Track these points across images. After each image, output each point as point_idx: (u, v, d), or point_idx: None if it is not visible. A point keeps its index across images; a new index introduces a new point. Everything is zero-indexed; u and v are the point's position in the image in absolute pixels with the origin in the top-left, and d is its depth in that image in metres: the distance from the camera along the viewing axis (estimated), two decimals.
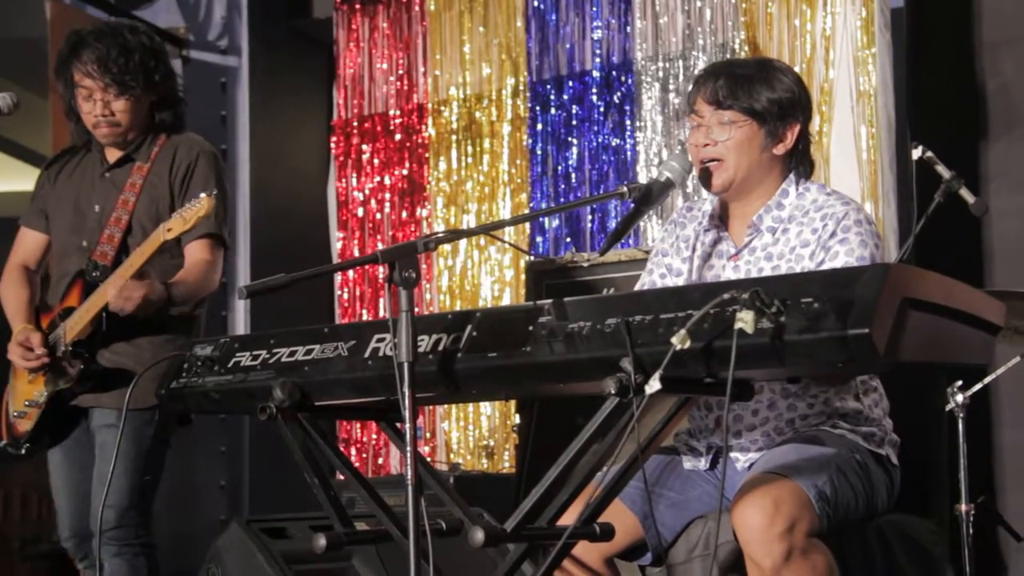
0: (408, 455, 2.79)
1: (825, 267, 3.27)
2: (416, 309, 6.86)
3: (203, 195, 4.06)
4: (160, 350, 4.21)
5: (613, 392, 2.68)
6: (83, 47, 4.28)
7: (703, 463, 3.43)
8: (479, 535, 2.80)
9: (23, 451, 4.31)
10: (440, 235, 2.96)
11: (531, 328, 2.82)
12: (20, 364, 4.22)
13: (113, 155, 4.39)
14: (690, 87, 3.51)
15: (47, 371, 4.21)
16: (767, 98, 3.36)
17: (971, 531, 4.26)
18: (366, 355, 3.02)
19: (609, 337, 2.73)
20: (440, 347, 2.92)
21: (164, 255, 4.26)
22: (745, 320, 2.56)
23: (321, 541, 2.99)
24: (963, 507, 4.27)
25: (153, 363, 3.73)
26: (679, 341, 2.60)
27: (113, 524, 4.12)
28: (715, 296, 2.62)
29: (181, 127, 4.45)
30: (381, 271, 6.30)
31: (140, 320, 4.19)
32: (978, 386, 4.36)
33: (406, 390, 2.78)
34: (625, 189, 3.25)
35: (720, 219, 3.50)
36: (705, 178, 3.41)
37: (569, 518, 2.92)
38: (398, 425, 3.10)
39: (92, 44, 4.27)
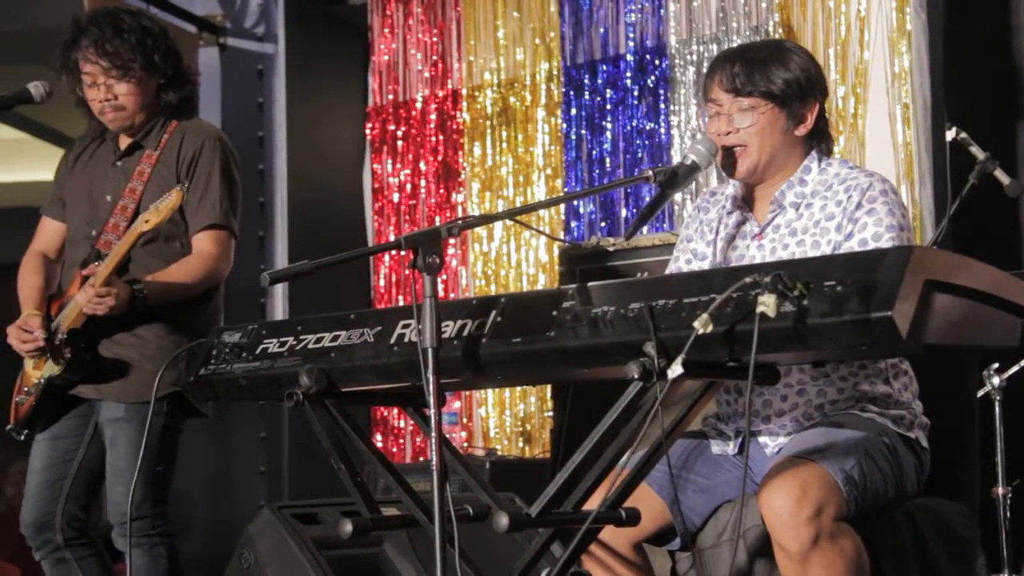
0: (433, 441, 2.79)
1: (854, 238, 3.26)
2: (452, 294, 6.87)
3: (175, 188, 4.04)
4: (164, 340, 4.21)
5: (636, 377, 2.68)
6: (81, 33, 4.26)
7: (731, 447, 3.42)
8: (503, 520, 2.81)
9: (22, 436, 4.33)
10: (464, 221, 2.96)
11: (555, 313, 2.82)
12: (16, 347, 4.23)
13: (124, 142, 4.37)
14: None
15: (48, 357, 4.21)
16: (783, 79, 3.34)
17: (1008, 514, 4.24)
18: (392, 341, 3.03)
19: (632, 322, 2.73)
20: (465, 332, 2.92)
21: (173, 242, 4.27)
22: (767, 304, 2.55)
23: (347, 527, 3.00)
24: (1000, 490, 4.24)
25: (170, 358, 3.75)
26: (701, 325, 2.60)
27: (128, 516, 4.08)
28: (737, 280, 2.62)
29: (191, 111, 4.42)
30: None
31: (144, 312, 4.18)
32: (1015, 368, 4.33)
33: (430, 376, 2.78)
34: (651, 173, 3.25)
35: (744, 201, 3.49)
36: (729, 164, 3.40)
37: (596, 503, 2.92)
38: (424, 411, 3.10)
39: (89, 29, 4.25)
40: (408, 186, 7.05)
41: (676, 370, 2.63)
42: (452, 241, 6.52)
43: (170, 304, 4.22)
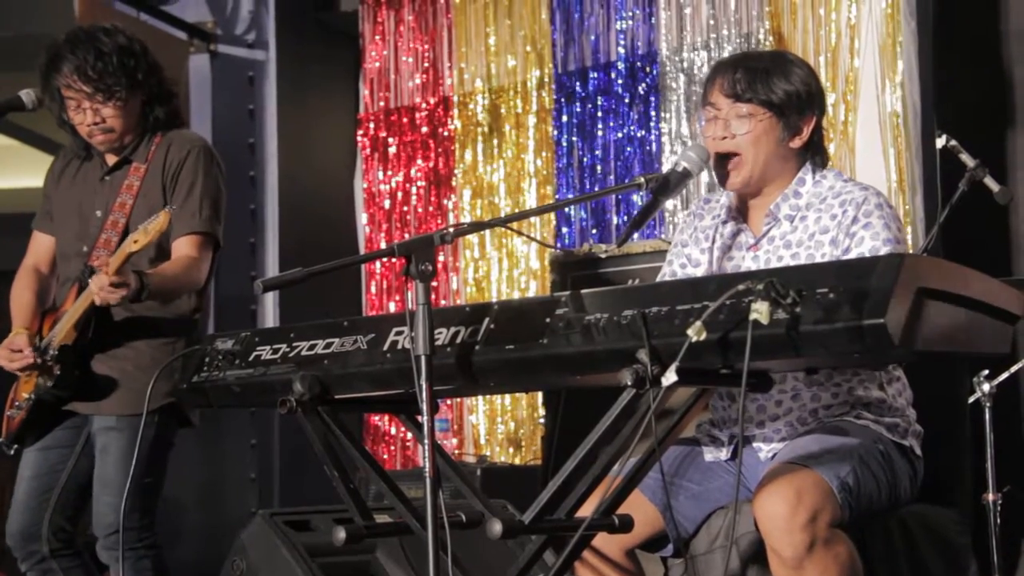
0: (426, 448, 2.79)
1: (852, 253, 3.27)
2: (444, 301, 6.87)
3: (162, 211, 3.99)
4: (158, 353, 4.19)
5: (630, 384, 2.68)
6: (59, 59, 4.17)
7: (725, 453, 3.42)
8: (497, 527, 2.82)
9: (12, 451, 4.30)
10: (456, 228, 2.96)
11: (548, 320, 2.82)
12: (6, 366, 4.20)
13: (111, 159, 4.32)
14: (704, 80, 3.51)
15: (39, 373, 4.18)
16: (784, 90, 3.35)
17: (999, 520, 4.24)
18: (385, 348, 3.02)
19: (626, 329, 2.73)
20: (458, 340, 2.92)
21: (149, 249, 4.24)
22: (760, 311, 2.56)
23: (340, 534, 3.00)
24: (990, 496, 4.25)
25: (160, 367, 3.73)
26: (695, 333, 2.60)
27: (115, 527, 4.05)
28: (731, 287, 2.62)
29: (176, 122, 4.37)
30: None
31: (137, 324, 4.18)
32: (1005, 375, 4.34)
33: (423, 383, 2.78)
34: (642, 180, 3.25)
35: (738, 211, 3.49)
36: (722, 175, 3.40)
37: (589, 510, 2.92)
38: (417, 417, 3.10)
39: (67, 55, 4.16)
40: (399, 193, 7.06)
41: (670, 377, 2.64)
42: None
43: (165, 298, 4.20)
